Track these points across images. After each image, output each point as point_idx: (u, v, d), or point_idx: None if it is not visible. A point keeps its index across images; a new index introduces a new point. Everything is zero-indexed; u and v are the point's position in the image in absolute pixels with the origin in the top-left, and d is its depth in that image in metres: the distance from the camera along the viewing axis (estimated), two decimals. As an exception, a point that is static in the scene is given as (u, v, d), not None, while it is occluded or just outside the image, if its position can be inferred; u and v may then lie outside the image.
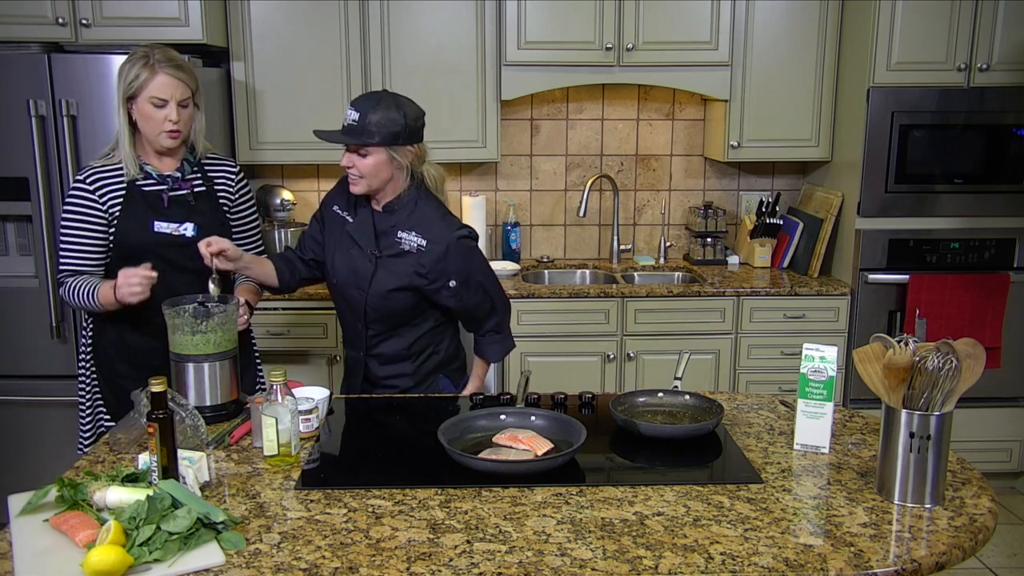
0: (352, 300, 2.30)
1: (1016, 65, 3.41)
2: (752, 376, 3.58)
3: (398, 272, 2.23)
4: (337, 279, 2.32)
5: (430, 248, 2.22)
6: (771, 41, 3.61)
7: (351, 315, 2.33)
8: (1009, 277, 3.50)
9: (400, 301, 2.26)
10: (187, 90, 2.18)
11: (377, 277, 2.25)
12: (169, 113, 2.15)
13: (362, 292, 2.26)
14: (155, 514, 1.45)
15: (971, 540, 1.52)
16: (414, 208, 2.25)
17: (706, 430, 1.96)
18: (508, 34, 3.51)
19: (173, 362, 2.03)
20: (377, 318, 2.29)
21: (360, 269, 2.27)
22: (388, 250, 2.25)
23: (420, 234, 2.22)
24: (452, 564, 1.42)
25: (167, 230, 2.23)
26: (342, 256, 2.31)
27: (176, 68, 2.15)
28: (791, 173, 4.09)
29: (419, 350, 2.34)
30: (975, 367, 1.62)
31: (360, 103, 2.16)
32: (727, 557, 1.44)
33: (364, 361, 2.35)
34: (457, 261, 2.24)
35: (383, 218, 2.27)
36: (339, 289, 2.33)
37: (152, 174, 2.24)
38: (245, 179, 2.43)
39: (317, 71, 3.52)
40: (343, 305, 2.35)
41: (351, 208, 2.33)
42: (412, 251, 2.23)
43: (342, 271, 2.30)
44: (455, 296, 2.28)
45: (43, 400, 3.25)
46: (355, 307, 2.30)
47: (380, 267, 2.25)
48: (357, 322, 2.32)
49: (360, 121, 2.13)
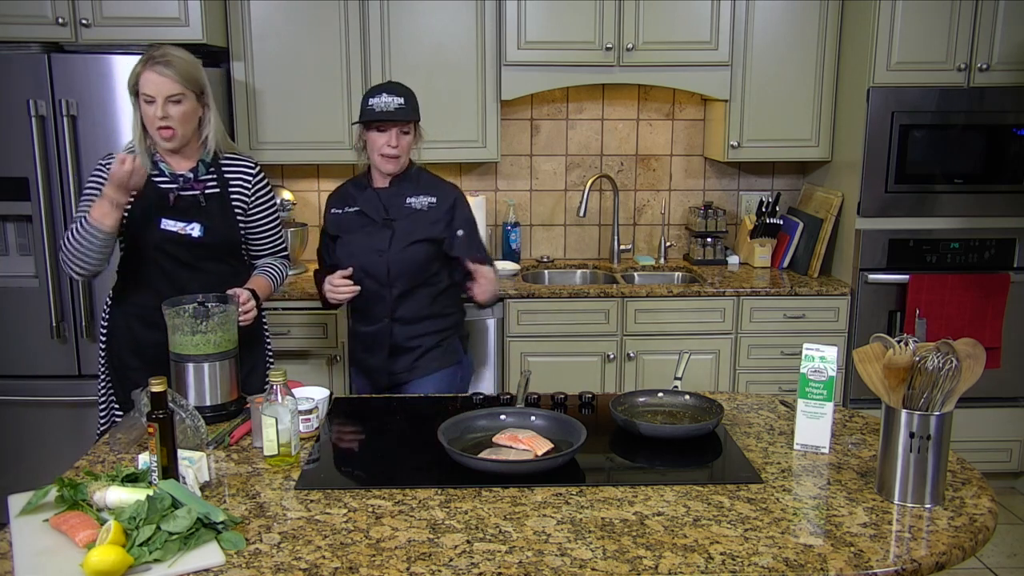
0: (373, 265, 2.46)
1: (1016, 65, 3.41)
2: (752, 376, 3.58)
3: (414, 228, 2.47)
4: (355, 253, 2.49)
5: (440, 204, 2.51)
6: (771, 41, 3.61)
7: (373, 283, 2.48)
8: (1009, 277, 3.50)
9: (419, 253, 2.47)
10: (175, 87, 2.17)
11: (396, 236, 2.46)
12: (156, 109, 2.16)
13: (382, 253, 2.45)
14: (155, 514, 1.45)
15: (971, 540, 1.52)
16: (418, 176, 2.54)
17: (706, 430, 1.96)
18: (508, 34, 3.51)
19: (173, 362, 2.03)
20: (400, 274, 2.46)
21: (376, 236, 2.47)
22: (399, 214, 2.48)
23: (428, 195, 2.51)
24: (452, 564, 1.42)
25: (173, 228, 2.24)
26: (356, 236, 2.51)
27: (165, 65, 2.15)
28: (791, 173, 4.09)
29: (439, 310, 2.55)
30: (975, 367, 1.62)
31: (393, 89, 2.43)
32: (727, 557, 1.44)
33: (389, 329, 2.50)
34: (463, 211, 2.54)
35: (390, 192, 2.51)
36: (358, 260, 2.47)
37: (165, 172, 2.25)
38: (264, 178, 2.42)
39: (317, 71, 3.52)
40: (364, 277, 2.47)
41: (347, 201, 2.56)
42: (424, 209, 2.49)
43: (359, 246, 2.49)
44: (464, 244, 2.50)
45: (43, 400, 3.25)
46: (377, 271, 2.47)
47: (397, 229, 2.47)
48: (380, 287, 2.48)
49: (406, 104, 2.42)
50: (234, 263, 2.39)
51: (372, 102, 2.40)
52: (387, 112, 2.39)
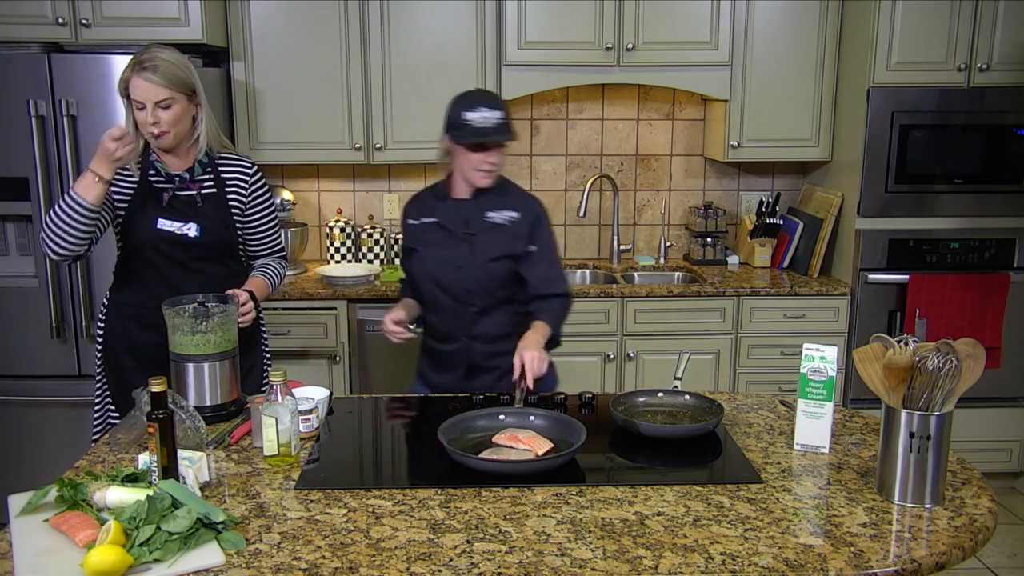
0: (450, 282, 2.34)
1: (1016, 65, 3.41)
2: (752, 376, 3.58)
3: (495, 243, 2.33)
4: (431, 268, 2.36)
5: (523, 219, 2.35)
6: (771, 41, 3.61)
7: (450, 299, 2.36)
8: (1009, 277, 3.50)
9: (500, 269, 2.34)
10: (162, 92, 2.15)
11: (475, 251, 2.33)
12: (146, 116, 2.15)
13: (461, 270, 2.32)
14: (155, 514, 1.45)
15: (971, 540, 1.52)
16: (501, 189, 2.37)
17: (706, 430, 1.96)
18: (508, 34, 3.51)
19: (173, 362, 2.03)
20: (479, 291, 2.34)
21: (454, 251, 2.34)
22: (479, 228, 2.34)
23: (511, 209, 2.35)
24: (452, 564, 1.42)
25: (169, 228, 2.23)
26: (434, 248, 2.37)
27: (152, 71, 2.13)
28: (791, 173, 4.09)
29: (521, 329, 2.37)
30: (975, 367, 1.62)
31: (489, 101, 2.27)
32: (727, 557, 1.44)
33: (467, 348, 2.38)
34: (543, 228, 2.39)
35: (470, 204, 2.36)
36: (435, 278, 2.36)
37: (161, 172, 2.25)
38: (262, 178, 2.40)
39: (317, 71, 3.52)
40: (439, 294, 2.37)
41: (424, 211, 2.42)
42: (505, 224, 2.35)
43: (435, 261, 2.35)
44: (531, 261, 2.35)
45: (43, 400, 3.25)
46: (455, 288, 2.34)
47: (476, 243, 2.33)
48: (458, 304, 2.35)
49: (505, 117, 2.26)
50: (231, 264, 2.38)
51: (469, 116, 2.22)
52: (488, 129, 2.22)
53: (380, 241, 3.87)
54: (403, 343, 2.37)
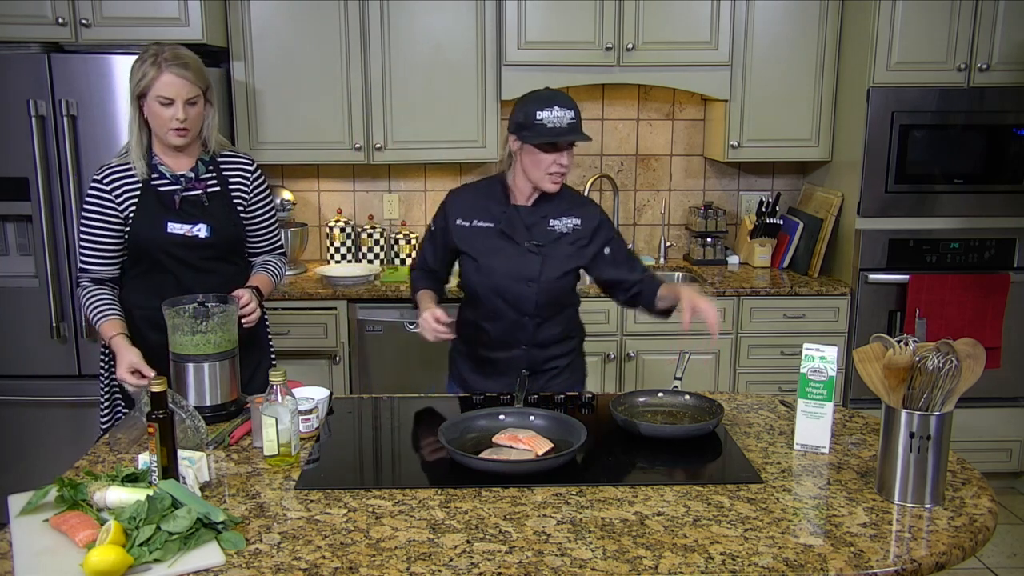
0: (518, 294, 2.27)
1: (1016, 65, 3.41)
2: (752, 376, 3.58)
3: (564, 255, 2.28)
4: (496, 279, 2.27)
5: (585, 225, 2.30)
6: (771, 41, 3.61)
7: (513, 311, 2.29)
8: (1009, 277, 3.50)
9: (567, 282, 2.32)
10: (194, 89, 2.16)
11: (547, 265, 2.26)
12: (176, 112, 2.14)
13: (531, 284, 2.26)
14: (155, 514, 1.45)
15: (971, 540, 1.52)
16: (562, 195, 2.30)
17: (706, 430, 1.96)
18: (508, 34, 3.51)
19: (173, 362, 2.03)
20: (546, 304, 2.29)
21: (523, 263, 2.26)
22: (545, 238, 2.28)
23: (571, 216, 2.30)
24: (452, 564, 1.42)
25: (180, 231, 2.22)
26: (495, 258, 2.27)
27: (183, 67, 2.14)
28: (791, 173, 4.09)
29: (570, 331, 2.39)
30: (975, 367, 1.62)
31: (561, 100, 2.19)
32: (727, 557, 1.44)
33: (527, 356, 2.33)
34: (607, 230, 2.34)
35: (532, 211, 2.29)
36: (502, 290, 2.28)
37: (166, 174, 2.23)
38: (262, 176, 2.40)
39: (317, 71, 3.52)
40: (504, 306, 2.29)
41: (478, 213, 2.31)
42: (568, 232, 2.29)
43: (502, 273, 2.27)
44: (612, 261, 2.33)
45: (43, 400, 3.25)
46: (521, 301, 2.27)
47: (546, 256, 2.26)
48: (522, 316, 2.29)
49: (577, 117, 2.19)
50: (239, 262, 2.39)
51: (542, 116, 2.14)
52: (561, 129, 2.15)
53: (380, 241, 3.87)
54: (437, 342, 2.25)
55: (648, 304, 2.32)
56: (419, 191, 4.00)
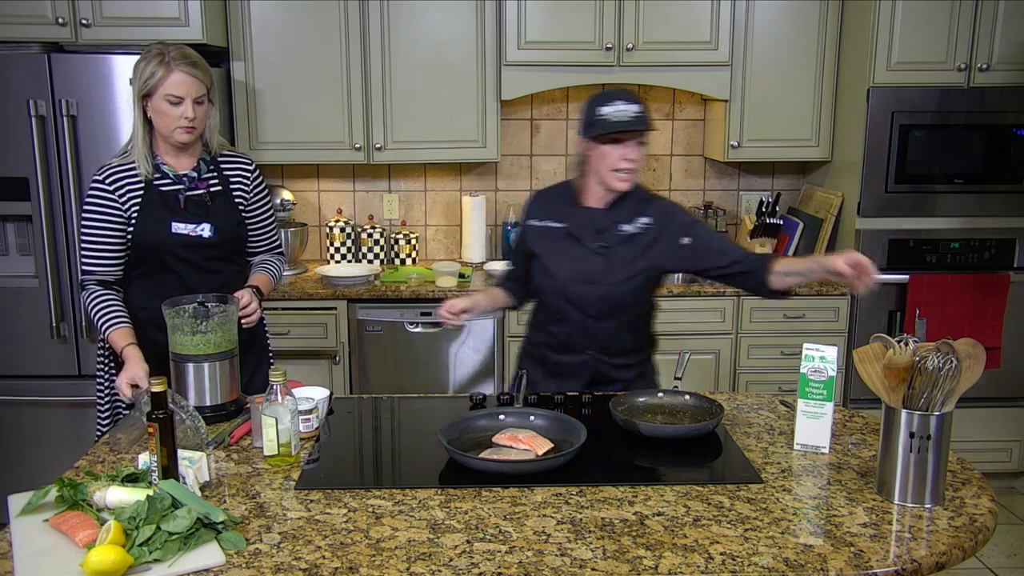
0: (582, 296, 2.23)
1: (1016, 65, 3.41)
2: (752, 376, 3.58)
3: (630, 257, 2.22)
4: (562, 280, 2.25)
5: (656, 220, 2.23)
6: (771, 41, 3.61)
7: (579, 313, 2.25)
8: (1009, 277, 3.50)
9: (639, 283, 2.24)
10: (202, 87, 2.18)
11: (612, 266, 2.22)
12: (185, 111, 2.15)
13: (595, 285, 2.22)
14: (155, 514, 1.45)
15: (971, 540, 1.52)
16: (631, 198, 2.25)
17: (706, 430, 1.96)
18: (508, 34, 3.51)
19: (173, 362, 2.03)
20: (614, 307, 2.24)
21: (589, 264, 2.22)
22: (612, 240, 2.23)
23: (643, 216, 2.24)
24: (452, 564, 1.42)
25: (184, 231, 2.21)
26: (562, 259, 2.25)
27: (192, 66, 2.15)
28: (791, 173, 4.09)
29: (642, 342, 2.33)
30: (975, 367, 1.62)
31: (625, 96, 2.16)
32: (727, 557, 1.44)
33: (594, 362, 2.29)
34: (681, 219, 2.26)
35: (604, 214, 2.25)
36: (566, 292, 2.25)
37: (168, 174, 2.23)
38: (261, 176, 2.41)
39: (317, 71, 3.52)
40: (568, 307, 2.26)
41: (550, 213, 2.31)
42: (639, 232, 2.23)
43: (567, 272, 2.24)
44: (695, 251, 2.23)
45: (43, 400, 3.25)
46: (587, 303, 2.23)
47: (611, 258, 2.22)
48: (587, 318, 2.25)
49: (642, 111, 2.15)
50: (240, 261, 2.39)
51: (604, 111, 2.12)
52: (624, 122, 2.11)
53: (380, 241, 3.87)
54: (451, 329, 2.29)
55: (756, 287, 2.20)
56: (419, 191, 4.00)
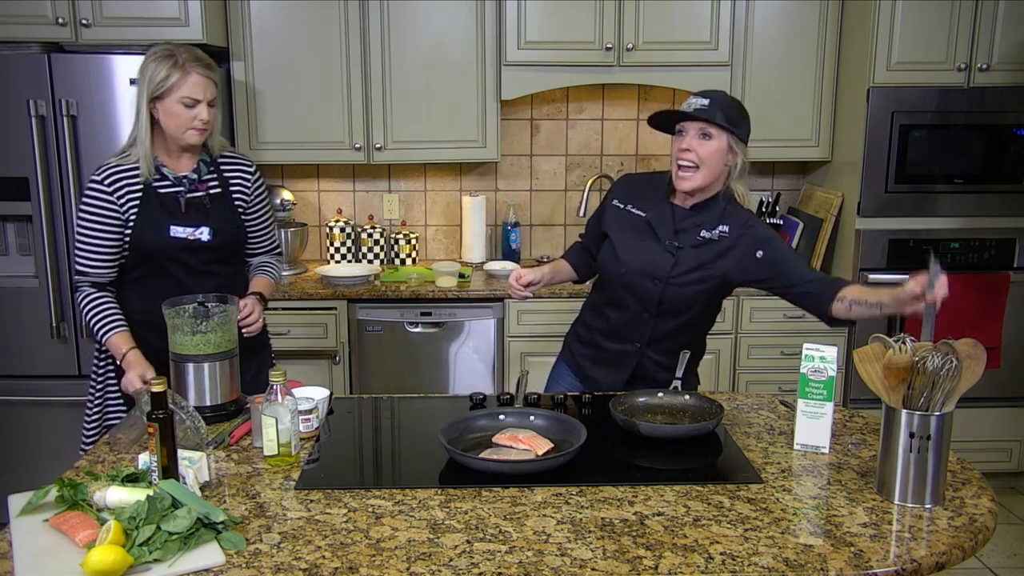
0: (643, 289, 2.21)
1: (1016, 65, 3.41)
2: (752, 376, 3.58)
3: (698, 261, 2.19)
4: (627, 269, 2.23)
5: (733, 230, 2.19)
6: (771, 41, 3.61)
7: (638, 306, 2.24)
8: (1009, 277, 3.50)
9: (700, 288, 2.20)
10: (215, 88, 2.19)
11: (679, 266, 2.19)
12: (199, 112, 2.15)
13: (659, 282, 2.19)
14: (155, 514, 1.45)
15: (971, 540, 1.52)
16: (721, 214, 2.20)
17: (706, 430, 1.96)
18: (508, 34, 3.51)
19: (173, 362, 2.03)
20: (672, 307, 2.22)
21: (657, 260, 2.20)
22: (686, 241, 2.20)
23: (724, 224, 2.20)
24: (452, 564, 1.42)
25: (183, 234, 2.21)
26: (632, 247, 2.24)
27: (207, 68, 2.17)
28: (791, 173, 4.09)
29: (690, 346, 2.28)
30: (975, 367, 1.62)
31: (707, 92, 2.17)
32: (727, 557, 1.44)
33: (639, 355, 2.28)
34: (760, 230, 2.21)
35: (686, 215, 2.22)
36: (628, 280, 2.23)
37: (168, 176, 2.22)
38: (261, 178, 2.41)
39: (317, 71, 3.52)
40: (628, 297, 2.24)
41: (637, 198, 2.28)
42: (715, 239, 2.19)
43: (634, 262, 2.22)
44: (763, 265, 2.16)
45: (43, 400, 3.26)
46: (646, 296, 2.22)
47: (681, 257, 2.19)
48: (644, 312, 2.24)
49: (710, 107, 2.13)
50: (237, 263, 2.39)
51: (682, 105, 2.18)
52: (689, 112, 2.11)
53: (380, 241, 3.87)
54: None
55: (818, 311, 2.13)
56: (419, 191, 4.00)
